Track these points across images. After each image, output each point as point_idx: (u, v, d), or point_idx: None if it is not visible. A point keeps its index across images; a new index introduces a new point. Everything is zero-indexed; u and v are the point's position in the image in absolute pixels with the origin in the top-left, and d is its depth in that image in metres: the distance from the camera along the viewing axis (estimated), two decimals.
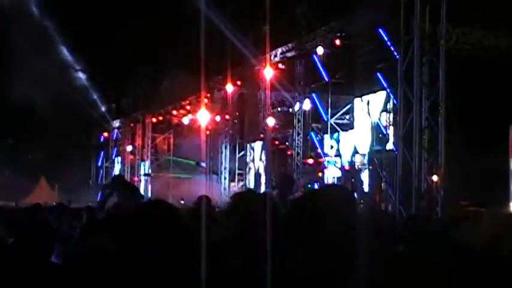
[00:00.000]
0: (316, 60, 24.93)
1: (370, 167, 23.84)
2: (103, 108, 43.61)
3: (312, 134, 26.53)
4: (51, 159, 43.30)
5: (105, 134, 47.16)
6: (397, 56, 17.45)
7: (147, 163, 41.84)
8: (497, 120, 16.97)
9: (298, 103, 26.04)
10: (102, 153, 48.63)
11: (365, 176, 24.30)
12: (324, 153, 25.89)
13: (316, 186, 23.22)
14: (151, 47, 35.95)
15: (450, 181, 15.98)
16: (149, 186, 41.09)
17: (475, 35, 17.10)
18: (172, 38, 32.49)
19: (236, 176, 32.68)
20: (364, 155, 24.36)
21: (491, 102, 16.46)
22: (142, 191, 40.37)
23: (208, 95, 32.53)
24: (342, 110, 26.39)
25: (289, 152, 27.44)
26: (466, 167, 16.57)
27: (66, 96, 38.03)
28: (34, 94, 35.82)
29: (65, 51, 36.94)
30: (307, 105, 25.79)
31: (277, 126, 29.56)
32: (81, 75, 38.34)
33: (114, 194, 8.72)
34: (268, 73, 26.16)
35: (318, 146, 26.34)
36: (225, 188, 32.23)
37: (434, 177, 15.97)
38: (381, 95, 23.18)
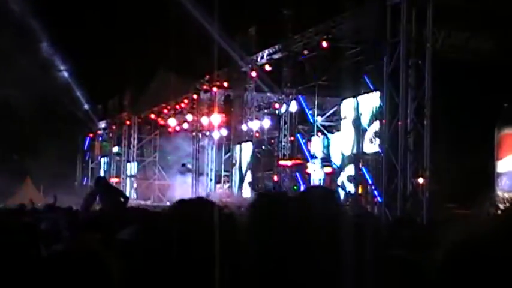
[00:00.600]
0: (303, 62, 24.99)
1: (356, 169, 23.89)
2: (88, 109, 43.45)
3: (299, 135, 26.56)
4: (36, 159, 43.08)
5: (91, 135, 47.06)
6: (384, 59, 17.49)
7: (134, 164, 41.76)
8: (482, 123, 17.07)
9: (284, 105, 26.06)
10: (88, 154, 48.52)
11: (351, 179, 24.36)
12: (311, 155, 25.93)
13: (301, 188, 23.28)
14: (138, 48, 35.93)
15: (435, 183, 16.03)
16: (134, 188, 41.07)
17: (461, 38, 17.19)
18: (160, 39, 32.46)
19: (222, 178, 32.69)
20: (351, 157, 24.41)
21: (477, 104, 16.53)
22: (127, 193, 40.35)
23: (195, 96, 32.51)
24: (328, 112, 26.46)
25: (275, 154, 27.46)
26: (452, 169, 16.65)
27: (51, 97, 37.91)
28: (17, 94, 35.68)
29: (48, 51, 36.70)
30: (293, 107, 25.82)
31: (264, 128, 29.62)
32: (65, 75, 38.10)
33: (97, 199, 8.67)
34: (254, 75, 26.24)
35: (304, 147, 26.38)
36: (210, 189, 32.19)
37: (420, 180, 16.02)
38: (368, 98, 23.21)
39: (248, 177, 30.34)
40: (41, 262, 2.82)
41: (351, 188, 23.69)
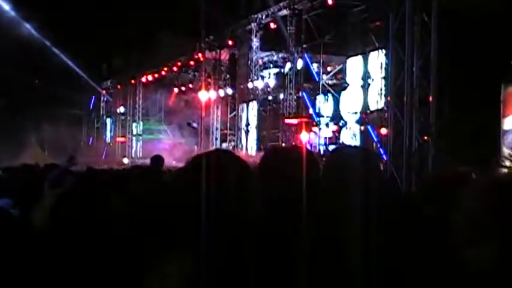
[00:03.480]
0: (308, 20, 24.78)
1: (362, 127, 23.86)
2: (93, 69, 43.28)
3: (304, 94, 26.45)
4: (42, 120, 43.13)
5: (96, 95, 46.99)
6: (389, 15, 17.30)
7: (140, 123, 41.75)
8: (489, 79, 16.92)
9: (289, 63, 25.91)
10: (93, 114, 48.50)
11: (356, 136, 24.34)
12: (316, 114, 25.85)
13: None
14: (143, 7, 35.67)
15: (441, 140, 15.96)
16: (139, 147, 41.13)
17: None
18: None
19: (228, 136, 32.69)
20: (356, 113, 24.34)
21: (484, 61, 16.36)
22: (133, 152, 40.45)
23: (200, 55, 32.35)
24: (334, 70, 26.32)
25: (281, 112, 27.38)
26: (457, 125, 16.56)
27: (55, 58, 37.79)
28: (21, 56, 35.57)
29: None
30: (299, 65, 25.66)
31: (269, 87, 29.53)
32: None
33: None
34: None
35: (309, 106, 26.29)
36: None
37: (425, 137, 15.95)
38: (374, 55, 23.05)
39: (253, 136, 30.32)
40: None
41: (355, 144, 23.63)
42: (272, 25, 25.98)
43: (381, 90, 21.89)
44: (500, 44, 16.30)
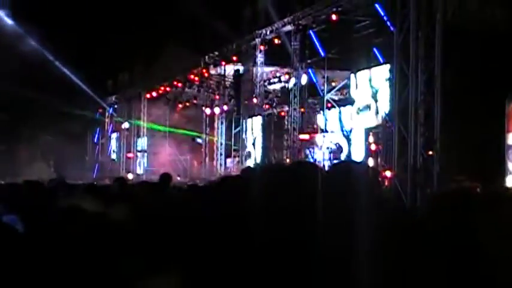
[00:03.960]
0: (313, 35, 24.82)
1: (367, 142, 23.83)
2: (99, 84, 43.34)
3: (309, 109, 26.50)
4: (47, 135, 43.22)
5: (101, 110, 47.01)
6: (393, 30, 17.34)
7: (144, 139, 41.76)
8: (493, 94, 16.92)
9: (293, 78, 25.95)
10: (98, 129, 48.52)
11: (361, 151, 24.30)
12: (321, 129, 25.87)
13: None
14: (147, 23, 35.82)
15: (446, 156, 15.94)
16: (145, 163, 41.12)
17: (471, 8, 16.99)
18: (169, 13, 32.35)
19: (232, 152, 32.70)
20: (360, 129, 24.31)
21: (488, 76, 16.39)
22: (138, 167, 40.46)
23: (204, 70, 32.42)
24: (338, 85, 26.35)
25: (285, 128, 27.37)
26: (462, 141, 16.54)
27: (61, 72, 37.84)
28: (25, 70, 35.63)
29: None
30: (304, 80, 25.69)
31: (274, 102, 29.59)
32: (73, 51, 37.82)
33: None
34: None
35: (315, 121, 26.33)
36: (221, 164, 32.21)
37: (430, 152, 15.93)
38: (378, 70, 23.04)
39: (258, 151, 30.32)
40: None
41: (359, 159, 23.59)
42: (276, 40, 26.03)
43: (385, 105, 21.90)
44: (504, 59, 16.32)
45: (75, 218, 2.75)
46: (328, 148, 25.32)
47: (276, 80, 29.30)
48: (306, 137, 25.74)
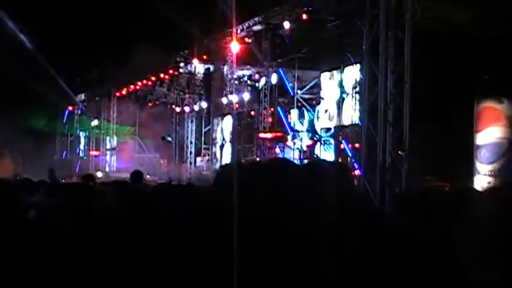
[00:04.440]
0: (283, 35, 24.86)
1: (336, 142, 23.94)
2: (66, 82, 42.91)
3: (279, 108, 26.52)
4: (15, 133, 42.69)
5: (70, 108, 46.70)
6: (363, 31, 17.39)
7: (114, 138, 41.56)
8: (462, 95, 17.09)
9: (264, 78, 25.97)
10: (67, 127, 48.18)
11: (330, 151, 24.41)
12: (291, 128, 25.93)
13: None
14: (117, 20, 35.58)
15: (415, 155, 16.04)
16: (114, 161, 40.92)
17: (440, 9, 17.10)
18: (139, 10, 32.17)
19: (202, 151, 32.66)
20: (330, 129, 24.42)
21: (457, 77, 16.54)
22: (107, 166, 40.23)
23: (174, 69, 32.32)
24: (308, 84, 26.42)
25: (255, 127, 27.41)
26: (431, 141, 16.67)
27: (29, 70, 37.40)
28: None
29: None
30: (273, 79, 25.73)
31: (244, 101, 29.55)
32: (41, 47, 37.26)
33: None
34: (234, 47, 26.07)
35: (284, 120, 26.36)
36: (191, 163, 32.14)
37: (399, 151, 16.01)
38: (348, 71, 23.16)
39: (227, 150, 30.32)
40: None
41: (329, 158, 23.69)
42: (247, 40, 26.02)
43: (355, 105, 22.02)
44: (472, 60, 16.48)
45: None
46: (298, 148, 25.41)
47: (246, 79, 29.29)
48: (267, 135, 25.77)
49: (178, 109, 34.22)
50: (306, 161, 22.13)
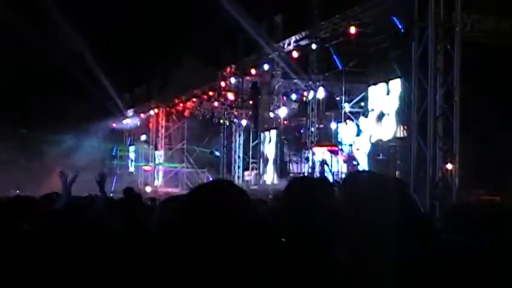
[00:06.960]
0: (330, 48, 24.88)
1: (385, 156, 23.82)
2: (117, 98, 43.43)
3: (328, 122, 26.53)
4: (65, 149, 43.35)
5: (114, 125, 47.20)
6: (412, 44, 17.32)
7: (162, 152, 41.89)
8: (511, 108, 16.90)
9: (311, 91, 25.98)
10: (116, 143, 48.70)
11: (380, 165, 24.25)
12: (339, 142, 25.86)
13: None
14: (165, 37, 35.96)
15: (465, 169, 15.92)
16: (161, 176, 41.21)
17: (490, 22, 16.98)
18: (186, 26, 32.48)
19: (250, 165, 32.71)
20: (378, 143, 24.28)
21: (506, 89, 16.37)
22: (156, 180, 40.51)
23: (222, 83, 32.51)
24: (356, 98, 26.35)
25: (303, 141, 27.38)
26: (481, 154, 16.52)
27: (78, 86, 37.96)
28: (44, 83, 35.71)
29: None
30: (321, 93, 25.73)
31: (291, 115, 29.62)
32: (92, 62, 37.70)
33: None
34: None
35: (332, 134, 26.34)
36: (238, 177, 32.24)
37: (449, 165, 15.90)
38: (395, 84, 23.03)
39: (276, 164, 30.30)
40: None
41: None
42: (294, 53, 26.07)
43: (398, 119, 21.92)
44: None
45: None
46: (344, 161, 25.31)
47: (293, 93, 29.33)
48: (322, 149, 25.71)
49: (226, 124, 34.39)
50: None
